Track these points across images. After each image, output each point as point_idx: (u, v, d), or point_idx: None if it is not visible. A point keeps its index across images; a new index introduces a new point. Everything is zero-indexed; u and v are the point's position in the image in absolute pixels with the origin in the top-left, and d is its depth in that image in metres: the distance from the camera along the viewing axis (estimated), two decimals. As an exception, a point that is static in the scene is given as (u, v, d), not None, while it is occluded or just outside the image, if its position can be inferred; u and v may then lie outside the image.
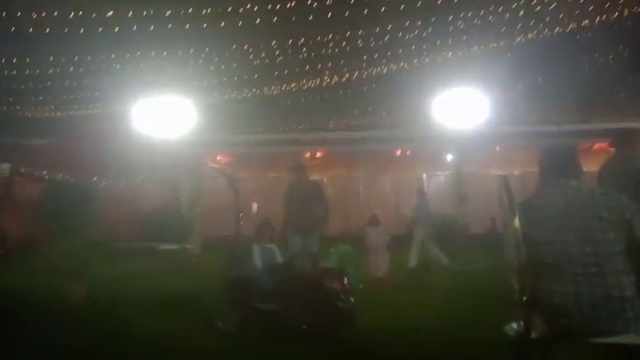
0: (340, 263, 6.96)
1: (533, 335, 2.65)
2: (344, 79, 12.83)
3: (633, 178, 4.41)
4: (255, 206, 17.15)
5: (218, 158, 17.21)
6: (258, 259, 5.45)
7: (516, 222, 2.80)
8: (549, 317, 2.64)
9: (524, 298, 2.71)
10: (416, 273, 9.02)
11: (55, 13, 9.00)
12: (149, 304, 6.36)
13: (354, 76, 12.51)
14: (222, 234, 13.87)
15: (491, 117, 12.77)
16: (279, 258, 5.69)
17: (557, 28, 10.32)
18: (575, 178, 2.80)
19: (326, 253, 7.27)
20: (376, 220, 7.94)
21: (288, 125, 15.89)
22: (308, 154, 15.33)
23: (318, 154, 15.65)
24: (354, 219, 13.10)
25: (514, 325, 2.76)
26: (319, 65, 11.43)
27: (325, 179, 15.51)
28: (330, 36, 9.90)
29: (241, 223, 6.39)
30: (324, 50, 10.44)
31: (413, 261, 9.46)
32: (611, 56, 12.39)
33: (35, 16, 9.05)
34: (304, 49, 10.25)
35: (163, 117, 13.40)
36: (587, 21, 10.05)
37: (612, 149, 5.05)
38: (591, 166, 5.92)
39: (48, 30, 9.32)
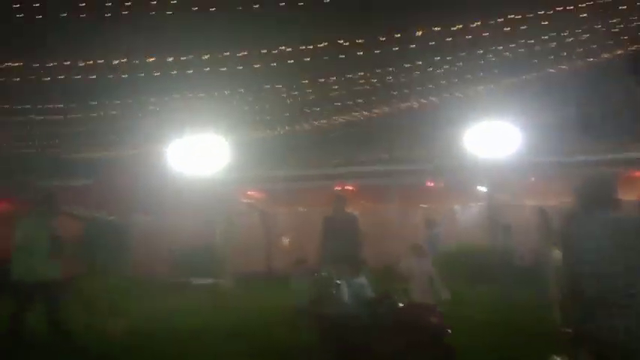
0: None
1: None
2: (375, 114, 13.02)
3: None
4: (287, 241, 17.24)
5: (251, 194, 17.47)
6: (347, 294, 5.14)
7: (557, 253, 2.80)
8: (597, 352, 2.60)
9: (569, 332, 2.69)
10: (451, 304, 8.80)
11: (100, 60, 9.55)
12: (196, 338, 6.42)
13: (385, 111, 12.68)
14: (254, 269, 14.03)
15: (523, 147, 12.67)
16: (370, 292, 5.36)
17: (590, 58, 10.30)
18: (614, 208, 2.78)
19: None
20: (420, 249, 7.34)
21: (320, 160, 16.11)
22: (339, 188, 15.42)
23: (349, 188, 15.72)
24: (386, 252, 13.00)
25: (558, 358, 2.71)
26: (350, 101, 11.67)
27: (356, 213, 15.52)
28: (362, 73, 10.13)
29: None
30: (354, 87, 10.67)
31: (445, 293, 9.20)
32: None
33: (81, 63, 9.61)
34: (335, 86, 10.51)
35: (198, 155, 13.79)
36: (620, 50, 10.01)
37: None
38: (628, 194, 5.82)
39: (92, 76, 9.87)
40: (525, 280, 7.15)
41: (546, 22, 9.13)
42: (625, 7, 8.89)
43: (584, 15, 9.09)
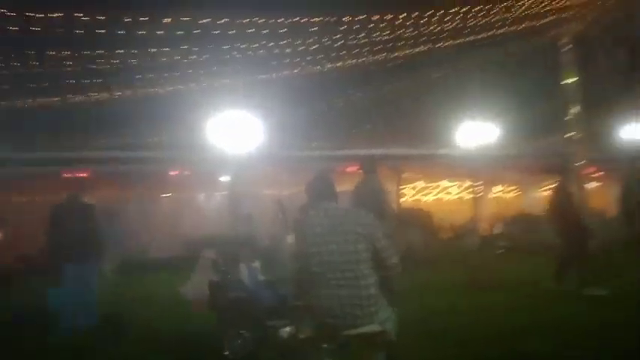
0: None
1: (301, 336, 3.10)
2: (114, 97, 12.18)
3: (376, 197, 5.44)
4: (-1, 235, 14.70)
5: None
6: (248, 277, 5.04)
7: (291, 238, 3.26)
8: (319, 318, 3.13)
9: (299, 304, 3.17)
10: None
11: None
12: None
13: (126, 95, 11.99)
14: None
15: (264, 141, 13.71)
16: (262, 275, 5.34)
17: (317, 66, 11.83)
18: (334, 201, 3.39)
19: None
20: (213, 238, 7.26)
21: (47, 143, 14.22)
22: (68, 175, 13.91)
23: (82, 175, 14.38)
24: (127, 242, 12.35)
25: (287, 328, 3.17)
26: (87, 80, 10.62)
27: (93, 202, 14.29)
28: (101, 51, 9.34)
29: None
30: (92, 65, 9.76)
31: None
32: (359, 94, 14.71)
33: None
34: (70, 62, 9.41)
35: None
36: (340, 63, 11.80)
37: (362, 172, 6.10)
38: (345, 185, 7.00)
39: None
40: (265, 263, 7.78)
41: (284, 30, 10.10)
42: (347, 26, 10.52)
43: (315, 29, 10.40)
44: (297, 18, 9.76)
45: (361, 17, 10.26)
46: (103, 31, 8.11)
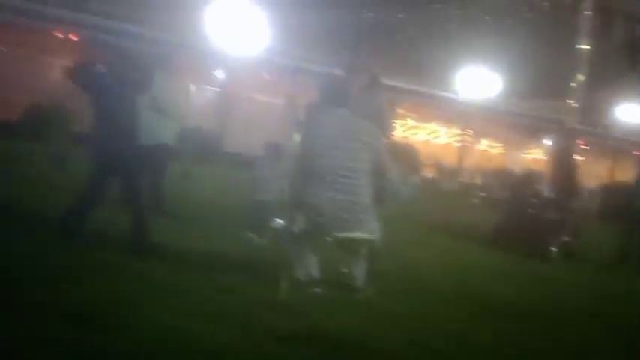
0: None
1: (295, 229, 3.18)
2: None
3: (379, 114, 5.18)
4: None
5: None
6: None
7: (297, 137, 3.27)
8: (309, 215, 3.20)
9: (291, 200, 3.25)
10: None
11: None
12: None
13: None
14: None
15: (270, 46, 13.17)
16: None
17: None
18: (344, 107, 3.33)
19: None
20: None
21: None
22: (58, 34, 13.06)
23: (72, 37, 13.62)
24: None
25: (279, 220, 3.26)
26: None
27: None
28: None
29: None
30: None
31: None
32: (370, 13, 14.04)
33: None
34: None
35: None
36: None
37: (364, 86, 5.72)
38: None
39: None
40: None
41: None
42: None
43: None
44: None
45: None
46: None
